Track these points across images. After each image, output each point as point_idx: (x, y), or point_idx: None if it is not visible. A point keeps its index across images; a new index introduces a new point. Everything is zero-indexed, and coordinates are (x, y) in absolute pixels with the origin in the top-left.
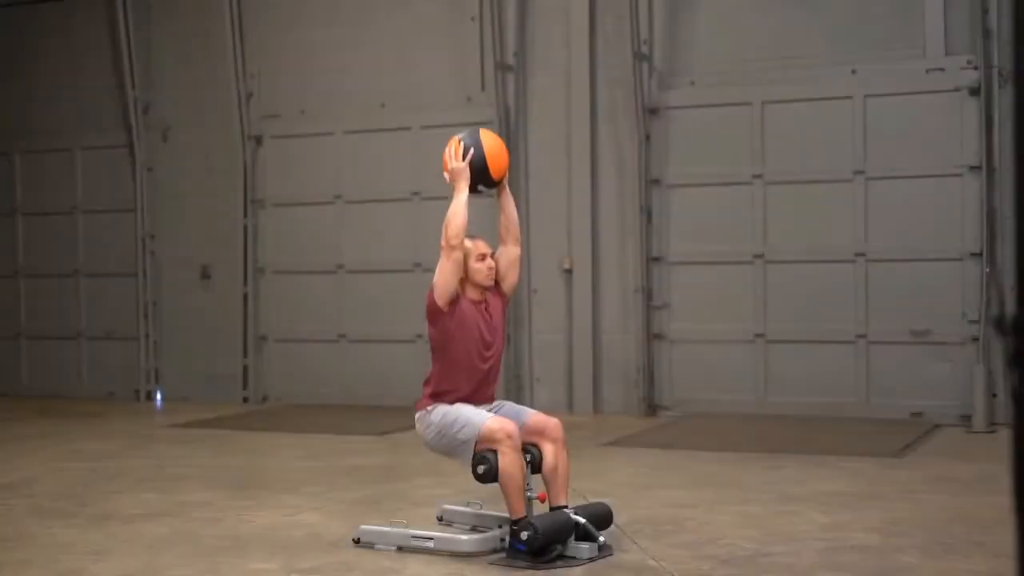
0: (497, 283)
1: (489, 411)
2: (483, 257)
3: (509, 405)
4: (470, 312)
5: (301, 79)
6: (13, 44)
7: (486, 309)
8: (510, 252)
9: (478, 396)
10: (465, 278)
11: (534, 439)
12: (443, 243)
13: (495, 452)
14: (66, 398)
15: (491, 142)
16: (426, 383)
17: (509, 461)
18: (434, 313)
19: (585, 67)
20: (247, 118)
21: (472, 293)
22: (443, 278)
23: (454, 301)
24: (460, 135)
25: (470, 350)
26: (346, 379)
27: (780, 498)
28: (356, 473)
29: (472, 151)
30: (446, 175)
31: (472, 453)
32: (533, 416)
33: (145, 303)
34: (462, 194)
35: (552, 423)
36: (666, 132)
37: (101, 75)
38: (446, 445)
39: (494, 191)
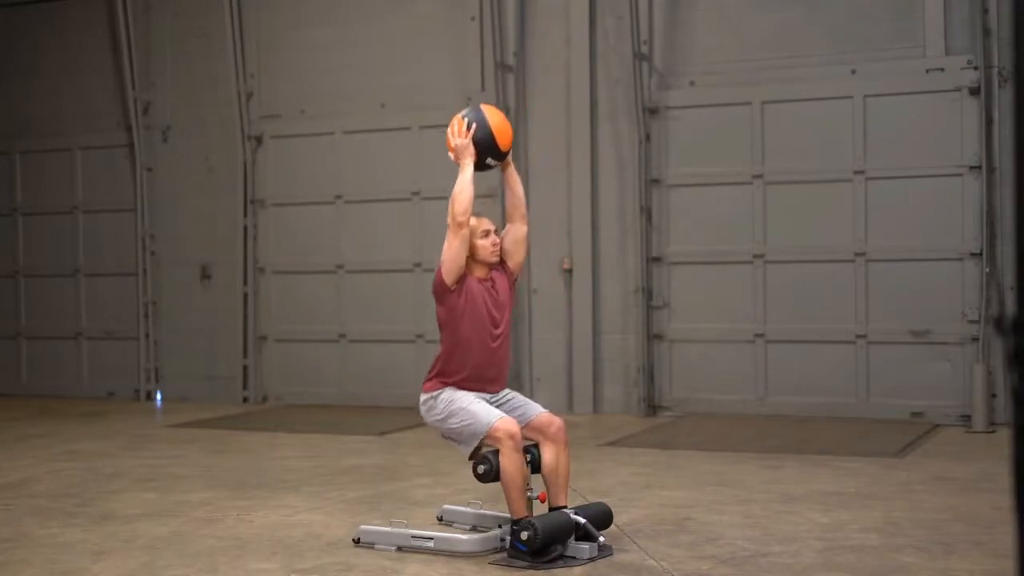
0: (503, 261)
1: (498, 402)
2: (487, 234)
3: (517, 397)
4: (477, 290)
5: (301, 79)
6: (13, 44)
7: (492, 287)
8: (517, 229)
9: (486, 378)
10: (471, 256)
11: (536, 438)
12: (449, 220)
13: (496, 452)
14: (66, 398)
15: (494, 115)
16: (433, 363)
17: (510, 462)
18: (442, 291)
19: (585, 67)
20: (247, 118)
21: (478, 271)
22: (450, 255)
23: (461, 279)
24: (462, 112)
25: (478, 328)
26: (346, 379)
27: (780, 498)
28: (356, 473)
29: (476, 126)
30: (451, 154)
31: (473, 447)
32: (539, 415)
33: (145, 303)
34: (467, 170)
35: (556, 425)
36: (666, 132)
37: (101, 75)
38: (448, 432)
39: (499, 166)
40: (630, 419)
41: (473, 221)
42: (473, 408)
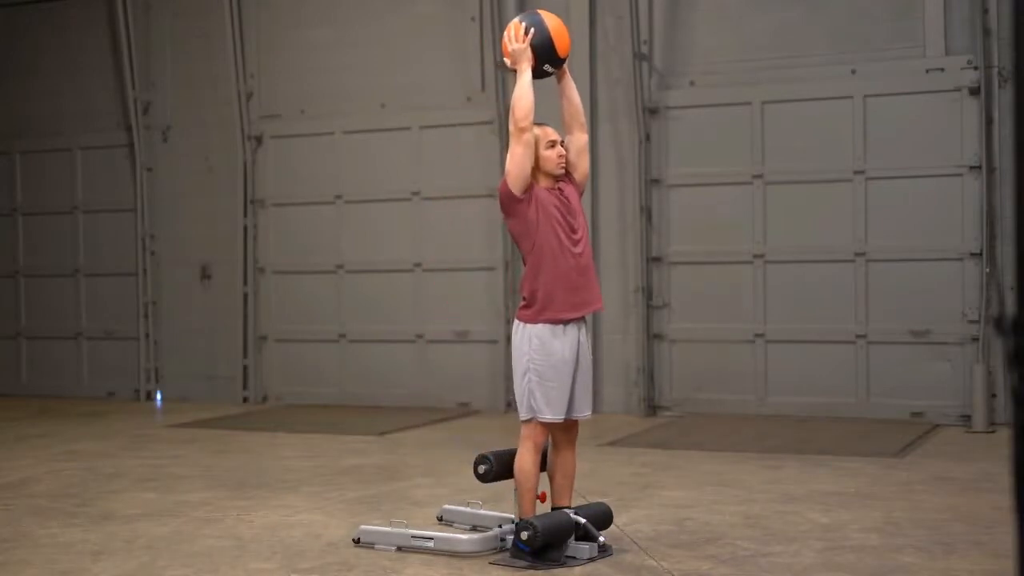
0: (568, 172)
1: (578, 369)
2: (553, 144)
3: (589, 377)
4: (547, 199)
5: (301, 79)
6: (13, 44)
7: (562, 194)
8: (578, 139)
9: (578, 290)
10: (536, 167)
11: (555, 435)
12: (512, 127)
13: (496, 453)
14: (66, 398)
15: (552, 20)
16: (523, 286)
17: (532, 461)
18: (511, 202)
19: (585, 67)
20: (247, 118)
21: (544, 182)
22: (516, 162)
23: (528, 189)
24: (518, 17)
25: (559, 234)
26: (346, 379)
27: (780, 498)
28: (356, 473)
29: (534, 30)
30: (506, 60)
31: (521, 391)
32: (581, 418)
33: (145, 303)
34: (525, 75)
35: (576, 428)
36: (666, 132)
37: (101, 75)
38: (515, 369)
39: (556, 73)
40: (630, 419)
41: (537, 131)
42: (548, 387)
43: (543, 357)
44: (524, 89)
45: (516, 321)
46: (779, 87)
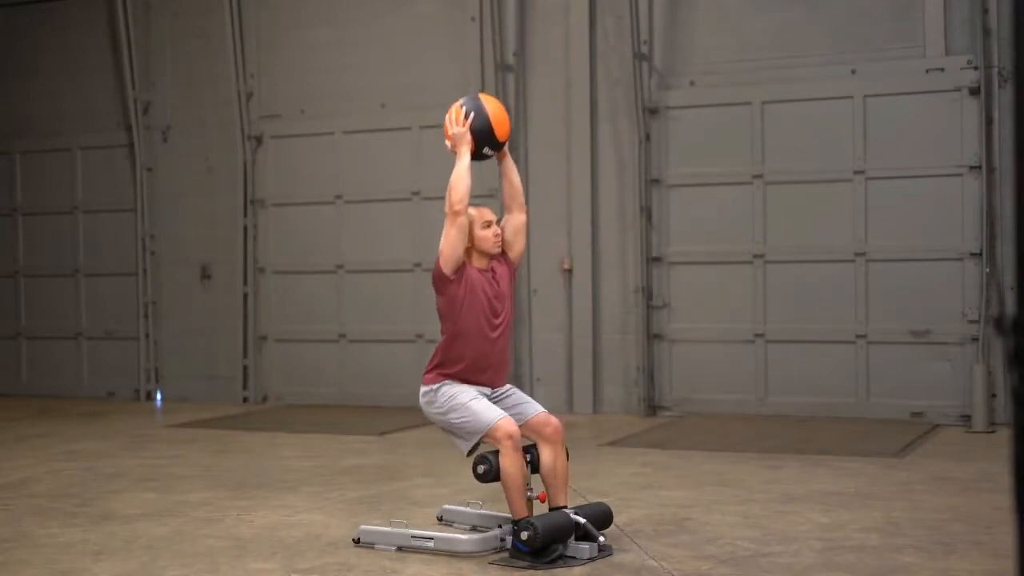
0: (504, 251)
1: (497, 398)
2: (488, 224)
3: (517, 394)
4: (477, 280)
5: (301, 79)
6: (13, 44)
7: (493, 277)
8: (516, 219)
9: (486, 371)
10: (471, 246)
11: (532, 438)
12: (447, 209)
13: (495, 452)
14: (66, 398)
15: (492, 104)
16: (433, 355)
17: (510, 461)
18: (441, 281)
19: (585, 67)
20: (247, 118)
21: (478, 261)
22: (449, 244)
23: (460, 269)
24: (460, 100)
25: (479, 318)
26: (346, 379)
27: (780, 498)
28: (356, 473)
29: (473, 115)
30: (447, 142)
31: (472, 444)
32: (536, 415)
33: (145, 303)
34: (464, 159)
35: (552, 425)
36: (666, 132)
37: (101, 75)
38: (447, 427)
39: (496, 156)
40: (630, 419)
41: (474, 211)
42: (473, 406)
43: (446, 400)
44: (461, 173)
45: (421, 388)
46: (779, 87)
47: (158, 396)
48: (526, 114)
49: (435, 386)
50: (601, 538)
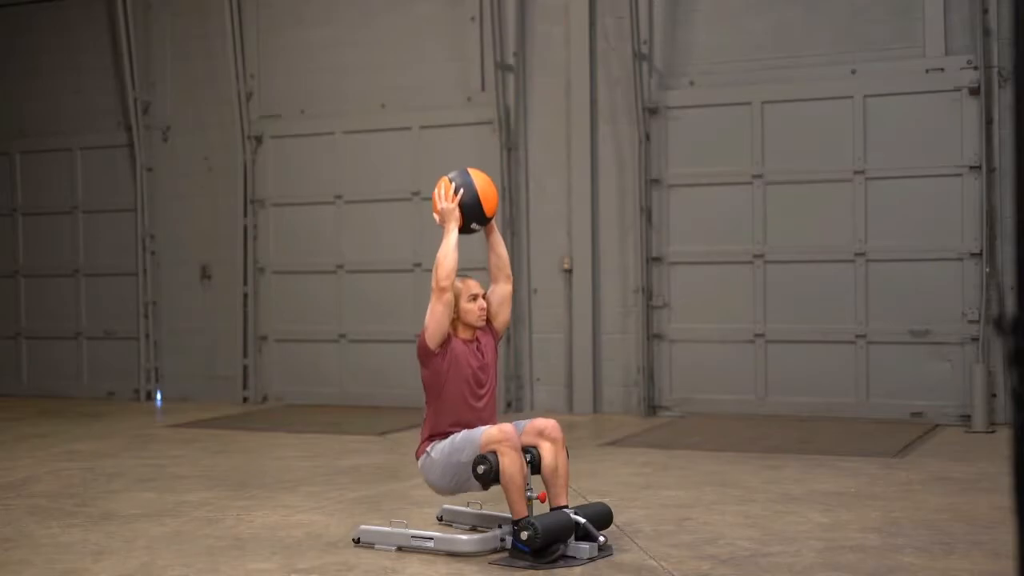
0: (488, 321)
1: None
2: (475, 297)
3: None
4: (462, 352)
5: (301, 79)
6: (13, 44)
7: (478, 348)
8: (502, 289)
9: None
10: (457, 318)
11: (533, 440)
12: (433, 285)
13: (495, 453)
14: (66, 398)
15: (481, 179)
16: (422, 430)
17: (509, 461)
18: (426, 355)
19: (585, 67)
20: (247, 118)
21: (463, 333)
22: (435, 320)
23: (445, 342)
24: (449, 175)
25: (463, 390)
26: (346, 379)
27: (780, 498)
28: (356, 473)
29: (462, 190)
30: (436, 216)
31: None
32: (533, 420)
33: (145, 303)
34: (452, 235)
35: (550, 423)
36: (666, 132)
37: (101, 75)
38: (453, 476)
39: (484, 228)
40: (630, 419)
41: (459, 284)
42: (463, 433)
43: (439, 450)
44: (449, 249)
45: (418, 460)
46: (779, 87)
47: (158, 396)
48: (526, 114)
49: (428, 451)
50: (601, 538)
